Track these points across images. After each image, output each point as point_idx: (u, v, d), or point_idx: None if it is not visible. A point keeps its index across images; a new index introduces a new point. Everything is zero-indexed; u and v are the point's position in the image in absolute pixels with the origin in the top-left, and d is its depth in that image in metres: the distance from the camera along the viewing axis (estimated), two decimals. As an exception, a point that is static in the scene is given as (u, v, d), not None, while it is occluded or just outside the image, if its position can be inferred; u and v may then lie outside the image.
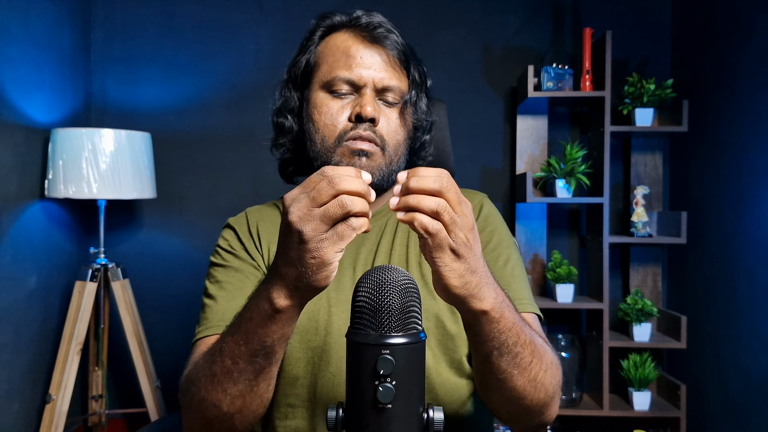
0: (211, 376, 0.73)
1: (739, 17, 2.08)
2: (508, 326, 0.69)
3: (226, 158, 2.51)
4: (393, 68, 0.93)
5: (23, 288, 2.01)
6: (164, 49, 2.50)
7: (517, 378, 0.73)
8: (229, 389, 0.72)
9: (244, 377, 0.71)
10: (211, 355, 0.75)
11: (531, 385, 0.75)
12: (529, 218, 2.47)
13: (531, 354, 0.74)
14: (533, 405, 0.77)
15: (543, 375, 0.76)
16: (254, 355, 0.69)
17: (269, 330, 0.67)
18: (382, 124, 0.92)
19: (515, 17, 2.52)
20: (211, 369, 0.73)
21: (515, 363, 0.72)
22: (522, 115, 2.47)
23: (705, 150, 2.26)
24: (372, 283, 0.57)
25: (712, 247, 2.20)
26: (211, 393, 0.74)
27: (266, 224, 1.00)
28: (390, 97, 0.93)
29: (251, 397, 0.73)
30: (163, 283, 2.49)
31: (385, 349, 0.55)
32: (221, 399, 0.73)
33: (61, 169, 1.96)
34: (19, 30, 1.98)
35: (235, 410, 0.74)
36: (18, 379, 1.99)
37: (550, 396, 0.78)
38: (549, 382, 0.77)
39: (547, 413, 0.81)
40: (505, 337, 0.70)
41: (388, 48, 0.93)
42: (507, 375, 0.73)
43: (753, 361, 1.94)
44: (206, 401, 0.74)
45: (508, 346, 0.70)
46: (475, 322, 0.68)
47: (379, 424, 0.55)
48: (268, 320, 0.67)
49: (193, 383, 0.76)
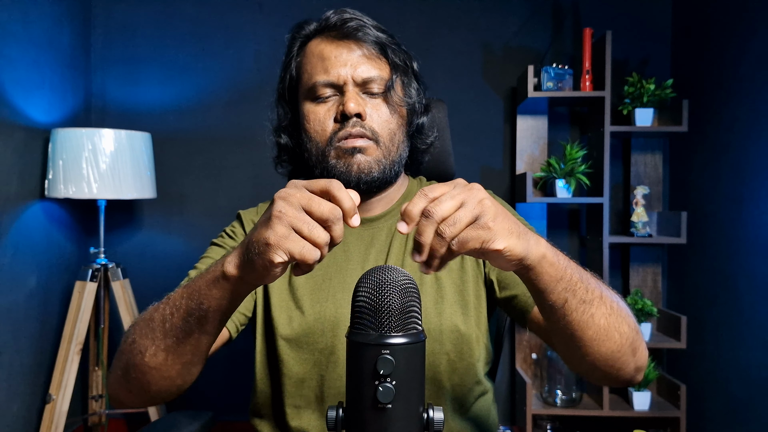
0: (149, 320, 0.74)
1: (739, 17, 2.08)
2: (565, 263, 0.68)
3: (226, 158, 2.51)
4: (370, 59, 0.92)
5: (23, 288, 2.01)
6: (164, 49, 2.50)
7: (599, 312, 0.71)
8: (157, 340, 0.72)
9: (173, 333, 0.71)
10: (158, 302, 0.76)
11: (614, 318, 0.72)
12: (528, 218, 2.47)
13: (596, 284, 0.72)
14: (624, 343, 0.74)
15: (617, 306, 0.74)
16: (189, 314, 0.69)
17: (210, 293, 0.67)
18: (371, 117, 0.91)
19: (515, 17, 2.52)
20: (152, 314, 0.74)
21: (589, 299, 0.70)
22: (522, 115, 2.47)
23: (705, 150, 2.26)
24: (372, 283, 0.57)
25: (712, 247, 2.20)
26: (142, 338, 0.74)
27: None
28: (375, 88, 0.92)
29: (173, 357, 0.73)
30: (163, 283, 2.47)
31: (385, 349, 0.55)
32: (147, 347, 0.73)
33: (61, 169, 1.96)
34: (19, 30, 1.98)
35: (154, 365, 0.73)
36: (18, 379, 1.99)
37: (634, 330, 0.75)
38: (626, 312, 0.75)
39: (639, 354, 0.77)
40: (570, 272, 0.68)
41: (362, 40, 0.92)
42: (588, 314, 0.70)
43: (753, 361, 1.94)
44: (135, 345, 0.74)
45: (575, 281, 0.69)
46: (538, 271, 0.65)
47: (379, 424, 0.55)
48: (213, 283, 0.67)
49: (134, 325, 0.77)
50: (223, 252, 0.97)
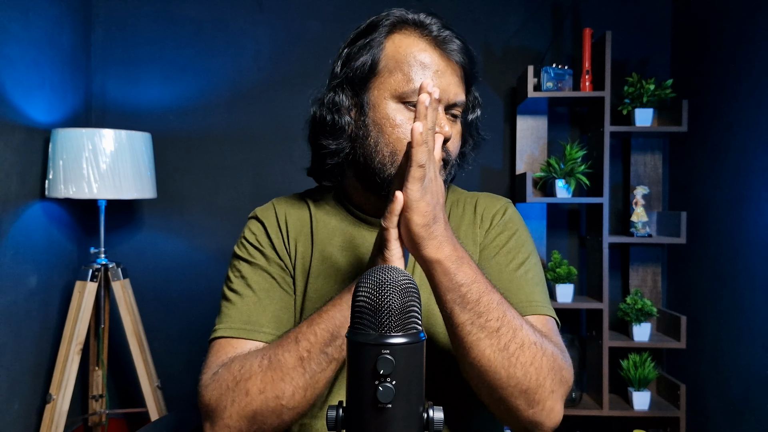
0: (280, 365, 0.76)
1: (739, 17, 2.08)
2: (467, 281, 0.73)
3: (226, 158, 2.51)
4: (460, 85, 0.91)
5: (23, 288, 2.02)
6: (164, 49, 2.50)
7: (485, 342, 0.73)
8: (296, 380, 0.75)
9: (314, 370, 0.75)
10: (277, 346, 0.79)
11: (503, 356, 0.73)
12: (528, 218, 2.47)
13: (499, 320, 0.74)
14: (510, 386, 0.74)
15: (519, 350, 0.74)
16: (327, 344, 0.74)
17: (344, 318, 0.74)
18: (451, 141, 0.91)
19: (515, 17, 2.52)
20: (281, 360, 0.77)
21: (480, 324, 0.73)
22: (522, 115, 2.47)
23: (705, 150, 2.26)
24: (372, 283, 0.57)
25: (711, 247, 2.20)
26: (276, 384, 0.76)
27: (294, 218, 0.98)
28: (456, 112, 0.92)
29: (311, 392, 0.76)
30: (163, 283, 2.50)
31: (385, 349, 0.55)
32: (284, 390, 0.76)
33: (61, 169, 1.97)
34: (19, 30, 1.98)
35: (293, 405, 0.76)
36: (18, 378, 1.99)
37: (534, 382, 0.75)
38: (530, 362, 0.74)
39: (537, 408, 0.76)
40: (466, 290, 0.73)
41: (458, 63, 0.90)
42: (473, 337, 0.73)
43: (753, 361, 1.94)
44: (267, 392, 0.76)
45: (470, 301, 0.73)
46: (432, 273, 0.73)
47: (379, 424, 0.55)
48: (344, 307, 0.74)
49: (249, 378, 0.77)
50: (258, 272, 0.93)
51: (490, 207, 0.99)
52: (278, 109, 2.49)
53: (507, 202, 1.02)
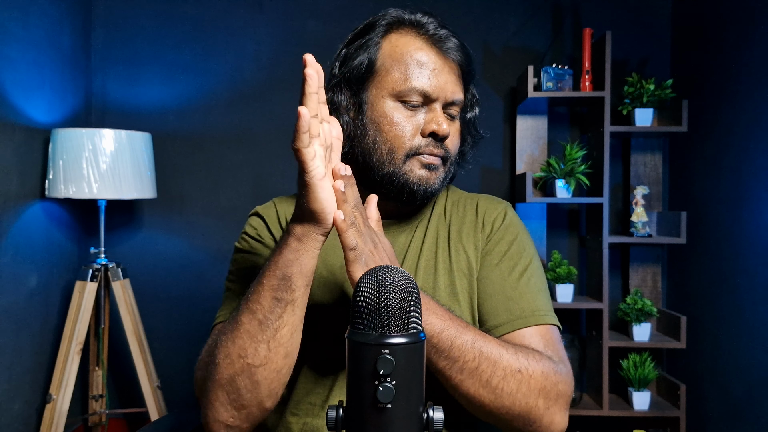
0: (237, 325, 0.76)
1: (739, 17, 2.08)
2: (436, 332, 0.75)
3: (226, 158, 2.51)
4: (458, 83, 0.92)
5: (23, 288, 2.02)
6: (164, 49, 2.50)
7: (468, 382, 0.77)
8: (255, 334, 0.75)
9: (269, 319, 0.74)
10: (235, 310, 0.78)
11: (487, 391, 0.77)
12: (528, 218, 2.47)
13: (476, 359, 0.76)
14: (501, 414, 0.79)
15: (502, 382, 0.77)
16: (276, 289, 0.73)
17: (286, 259, 0.72)
18: (450, 139, 0.92)
19: (515, 17, 2.52)
20: (237, 320, 0.76)
21: (458, 367, 0.76)
22: (522, 115, 2.47)
23: (705, 150, 2.26)
24: (372, 283, 0.58)
25: (711, 247, 2.20)
26: (236, 342, 0.75)
27: None
28: (454, 111, 0.92)
29: (275, 344, 0.75)
30: (163, 283, 2.50)
31: (385, 349, 0.55)
32: (245, 348, 0.75)
33: (61, 169, 1.97)
34: (19, 30, 1.98)
35: (259, 362, 0.75)
36: (18, 379, 1.99)
37: (524, 406, 0.78)
38: (516, 390, 0.78)
39: (535, 425, 0.80)
40: (436, 340, 0.75)
41: (455, 61, 0.91)
42: (455, 380, 0.77)
43: (753, 361, 1.94)
44: (231, 354, 0.76)
45: (443, 349, 0.75)
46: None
47: (379, 424, 0.55)
48: (285, 249, 0.72)
49: (216, 347, 0.78)
50: (248, 256, 0.95)
51: (490, 210, 0.99)
52: (278, 109, 2.49)
53: (507, 205, 1.02)
